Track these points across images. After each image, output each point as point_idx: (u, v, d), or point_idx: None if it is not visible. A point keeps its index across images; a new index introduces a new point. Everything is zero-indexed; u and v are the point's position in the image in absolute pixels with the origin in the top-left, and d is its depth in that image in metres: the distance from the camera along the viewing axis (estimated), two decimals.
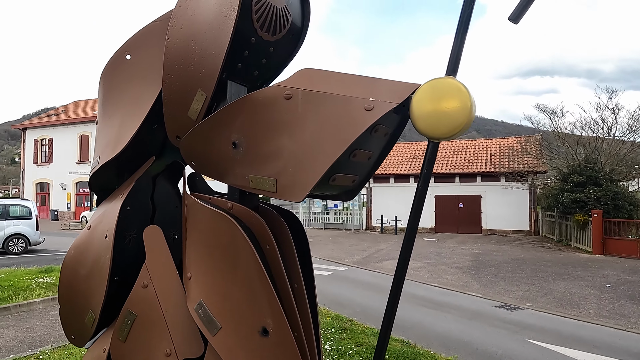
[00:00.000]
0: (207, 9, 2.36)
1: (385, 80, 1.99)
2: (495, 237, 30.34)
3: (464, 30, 1.86)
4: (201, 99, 2.42)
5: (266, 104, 2.09)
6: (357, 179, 2.26)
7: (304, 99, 2.02)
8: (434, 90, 1.85)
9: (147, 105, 2.66)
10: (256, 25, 2.33)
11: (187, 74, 2.45)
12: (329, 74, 2.07)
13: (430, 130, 1.87)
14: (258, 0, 2.30)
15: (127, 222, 2.69)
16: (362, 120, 1.88)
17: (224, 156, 2.28)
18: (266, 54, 2.51)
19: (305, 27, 2.66)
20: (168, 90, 2.53)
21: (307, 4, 2.64)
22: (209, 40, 2.33)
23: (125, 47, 2.81)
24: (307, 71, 2.10)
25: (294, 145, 2.02)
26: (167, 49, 2.49)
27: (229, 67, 2.40)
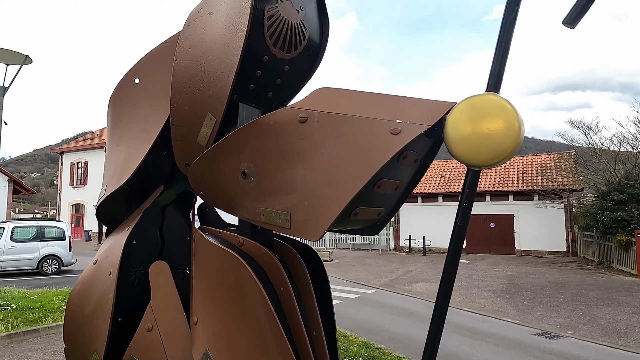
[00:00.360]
0: (216, 26, 2.17)
1: (415, 98, 1.72)
2: (530, 259, 29.00)
3: (507, 39, 1.58)
4: (211, 123, 2.22)
5: (278, 128, 1.86)
6: (383, 212, 1.98)
7: (321, 122, 1.77)
8: (473, 109, 1.57)
9: (155, 131, 2.48)
10: (269, 42, 2.13)
11: (195, 97, 2.26)
12: (350, 93, 1.82)
13: (470, 156, 1.58)
14: (271, 15, 2.09)
15: (132, 257, 2.49)
16: (388, 145, 1.61)
17: (233, 187, 2.05)
18: (281, 73, 2.30)
19: (324, 44, 2.44)
20: (176, 115, 2.34)
21: (325, 18, 2.42)
22: (218, 60, 2.14)
23: (133, 70, 2.67)
24: (324, 91, 1.86)
25: (310, 175, 1.77)
26: (174, 71, 2.31)
27: (240, 88, 2.20)
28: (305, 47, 2.31)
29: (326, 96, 1.83)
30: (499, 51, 1.60)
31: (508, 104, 1.52)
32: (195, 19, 2.30)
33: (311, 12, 2.34)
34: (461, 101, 1.62)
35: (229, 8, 2.09)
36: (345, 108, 1.75)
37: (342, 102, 1.79)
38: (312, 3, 2.35)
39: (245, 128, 1.97)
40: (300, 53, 2.30)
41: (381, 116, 1.68)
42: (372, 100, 1.77)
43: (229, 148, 2.02)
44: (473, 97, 1.59)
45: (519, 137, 1.50)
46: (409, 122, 1.62)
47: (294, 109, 1.84)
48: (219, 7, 2.18)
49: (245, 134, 1.96)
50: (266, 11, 2.06)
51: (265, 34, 2.09)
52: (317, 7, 2.40)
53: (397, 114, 1.67)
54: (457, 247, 1.67)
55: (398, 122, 1.63)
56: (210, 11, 2.22)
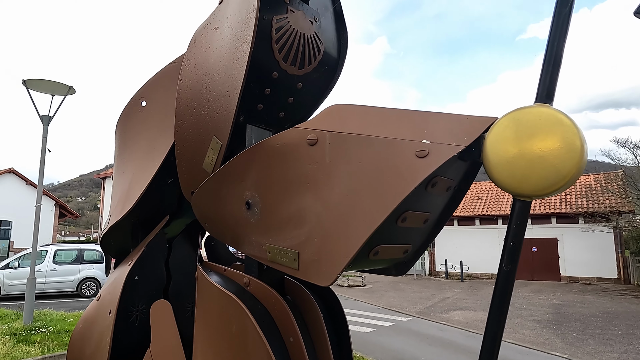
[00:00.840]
0: (222, 41, 1.97)
1: (446, 114, 1.43)
2: (578, 286, 27.16)
3: (561, 39, 1.27)
4: (216, 147, 2.00)
5: (285, 152, 1.61)
6: (411, 249, 1.67)
7: (333, 144, 1.50)
8: (519, 125, 1.26)
9: (159, 157, 2.29)
10: (278, 57, 1.90)
11: (200, 119, 2.05)
12: (367, 110, 1.55)
13: (517, 184, 1.26)
14: (280, 26, 1.88)
15: (134, 294, 2.27)
16: (413, 171, 1.32)
17: (237, 219, 1.80)
18: (293, 91, 2.06)
19: (342, 58, 2.20)
20: (181, 139, 2.14)
21: (343, 29, 2.19)
22: (223, 78, 1.93)
23: (140, 92, 2.52)
24: (337, 108, 1.60)
25: (320, 207, 1.49)
26: (179, 92, 2.13)
27: (247, 108, 1.97)
28: (321, 61, 2.08)
29: (340, 114, 1.57)
30: (550, 54, 1.29)
31: (565, 117, 1.20)
32: (201, 36, 2.12)
33: (327, 24, 2.12)
34: (504, 115, 1.31)
35: (234, 21, 1.90)
36: (362, 127, 1.48)
37: (358, 121, 1.52)
38: (329, 14, 2.13)
39: (248, 152, 1.73)
40: (314, 68, 2.06)
41: (404, 136, 1.39)
42: (393, 117, 1.49)
43: (231, 175, 1.78)
44: (519, 110, 1.28)
45: (582, 159, 1.17)
46: (438, 143, 1.33)
47: (302, 129, 1.58)
48: (225, 21, 1.99)
49: (248, 160, 1.72)
50: (274, 22, 1.85)
51: (274, 47, 1.87)
52: (334, 19, 2.17)
53: (423, 132, 1.38)
54: (504, 295, 1.33)
55: (425, 142, 1.34)
56: (217, 26, 2.03)
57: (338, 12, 2.18)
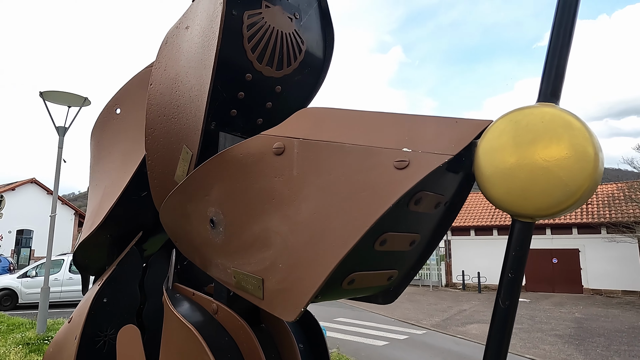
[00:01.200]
0: (191, 41, 1.79)
1: (433, 117, 1.20)
2: (601, 299, 26.15)
3: (569, 21, 1.04)
4: (187, 157, 1.80)
5: (249, 163, 1.40)
6: (397, 275, 1.44)
7: (302, 154, 1.29)
8: (518, 129, 1.03)
9: (132, 168, 2.11)
10: (251, 57, 1.71)
11: (171, 128, 1.87)
12: (344, 114, 1.33)
13: (516, 202, 1.02)
14: (253, 23, 1.68)
15: (102, 318, 2.08)
16: (390, 186, 1.10)
17: (203, 238, 1.59)
18: (271, 95, 1.86)
19: (328, 57, 1.99)
20: (151, 149, 1.96)
21: (329, 27, 1.98)
22: (192, 81, 1.75)
23: (115, 98, 2.35)
24: (310, 111, 1.39)
25: (286, 227, 1.28)
26: (149, 98, 1.95)
27: (219, 114, 1.78)
28: (303, 62, 1.87)
29: (312, 118, 1.36)
30: (556, 41, 1.06)
31: (575, 118, 0.97)
32: (172, 36, 1.94)
33: (311, 21, 1.92)
34: (500, 118, 1.08)
35: (203, 18, 1.71)
36: (337, 134, 1.27)
37: (332, 126, 1.31)
38: (312, 10, 1.93)
39: (211, 164, 1.53)
40: (295, 70, 1.86)
41: (383, 143, 1.17)
42: (374, 121, 1.27)
43: (194, 190, 1.58)
44: (518, 110, 1.05)
45: (596, 171, 0.93)
46: (420, 151, 1.10)
47: (268, 136, 1.37)
48: (195, 19, 1.81)
49: (211, 172, 1.52)
50: (246, 18, 1.66)
51: (246, 46, 1.68)
52: (318, 15, 1.97)
53: (405, 139, 1.16)
54: (502, 340, 1.08)
55: (405, 151, 1.12)
56: (188, 25, 1.86)
57: (323, 9, 1.98)
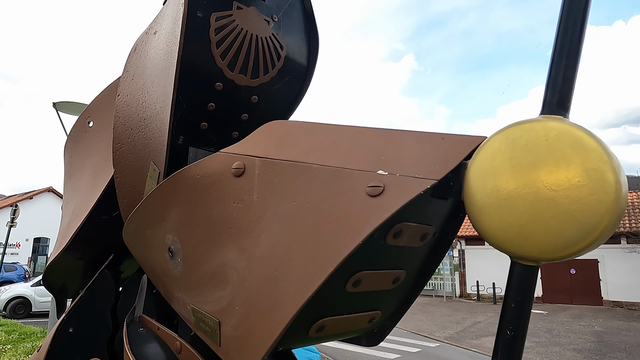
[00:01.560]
0: (158, 48, 1.62)
1: (415, 132, 1.00)
2: (622, 311, 25.28)
3: (579, 15, 0.83)
4: (155, 175, 1.63)
5: (206, 186, 1.21)
6: (379, 316, 1.22)
7: (264, 175, 1.09)
8: (516, 149, 0.81)
9: (101, 185, 1.95)
10: (221, 64, 1.53)
11: (138, 142, 1.70)
12: (315, 128, 1.14)
13: (515, 241, 0.81)
14: (221, 26, 1.50)
15: (67, 350, 1.90)
16: (362, 216, 0.89)
17: (163, 267, 1.41)
18: (246, 105, 1.68)
19: (312, 64, 1.81)
20: (120, 166, 1.79)
21: (313, 31, 1.80)
22: (158, 91, 1.58)
23: (88, 110, 2.20)
24: (275, 126, 1.19)
25: (243, 262, 1.08)
26: (116, 110, 1.79)
27: (187, 127, 1.60)
28: (282, 69, 1.69)
29: (278, 133, 1.16)
30: (563, 40, 0.85)
31: (588, 136, 0.75)
32: (142, 42, 1.78)
33: (291, 23, 1.74)
34: (495, 134, 0.87)
35: (169, 22, 1.55)
36: (305, 152, 1.07)
37: (301, 142, 1.11)
38: (294, 12, 1.75)
39: (167, 185, 1.34)
40: (274, 78, 1.68)
41: (355, 164, 0.97)
42: (348, 137, 1.07)
43: (150, 214, 1.40)
44: (517, 125, 0.84)
45: (618, 203, 0.72)
46: (398, 175, 0.90)
47: (228, 155, 1.18)
48: (163, 23, 1.64)
49: (167, 194, 1.33)
50: (213, 20, 1.48)
51: (214, 52, 1.50)
52: (302, 18, 1.79)
53: (381, 159, 0.96)
54: None
55: (380, 174, 0.92)
56: (156, 30, 1.69)
57: (307, 11, 1.80)
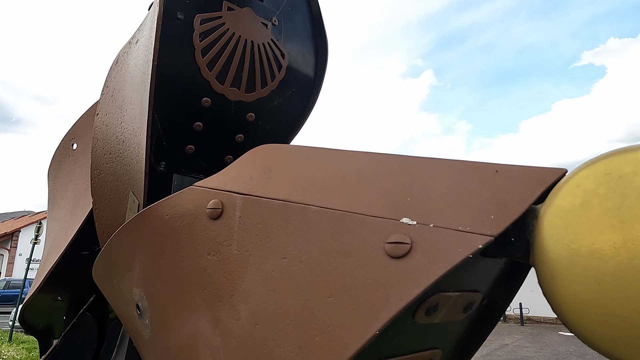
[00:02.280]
0: (137, 58, 1.38)
1: (454, 162, 0.70)
2: None
3: None
4: (134, 208, 1.37)
5: (175, 230, 0.93)
6: None
7: (247, 220, 0.81)
8: (627, 192, 0.51)
9: (80, 217, 1.71)
10: (208, 76, 1.27)
11: (116, 168, 1.45)
12: (316, 155, 0.85)
13: (619, 339, 0.50)
14: (208, 30, 1.25)
15: None
16: (380, 290, 0.60)
17: (133, 324, 1.13)
18: (241, 124, 1.41)
19: (320, 74, 1.54)
20: (98, 195, 1.55)
21: (321, 36, 1.54)
22: (135, 109, 1.33)
23: (72, 131, 1.98)
24: (264, 152, 0.91)
25: (218, 338, 0.79)
26: (94, 131, 1.55)
27: (169, 152, 1.34)
28: (284, 81, 1.43)
29: (267, 163, 0.88)
30: None
31: None
32: (124, 53, 1.54)
33: (295, 27, 1.48)
34: (585, 167, 0.57)
35: (148, 26, 1.30)
36: (300, 188, 0.79)
37: (295, 175, 0.83)
38: (298, 14, 1.50)
39: (130, 226, 1.07)
40: (274, 91, 1.41)
41: (369, 207, 0.68)
42: (359, 168, 0.78)
43: (116, 260, 1.14)
44: (621, 155, 0.54)
45: None
46: (432, 225, 0.61)
47: (203, 190, 0.91)
48: (144, 29, 1.40)
49: (131, 238, 1.06)
50: (197, 24, 1.23)
51: (199, 61, 1.24)
52: (308, 21, 1.53)
53: (407, 200, 0.66)
54: None
55: (407, 223, 0.63)
56: (139, 38, 1.45)
57: (314, 13, 1.54)
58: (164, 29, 1.17)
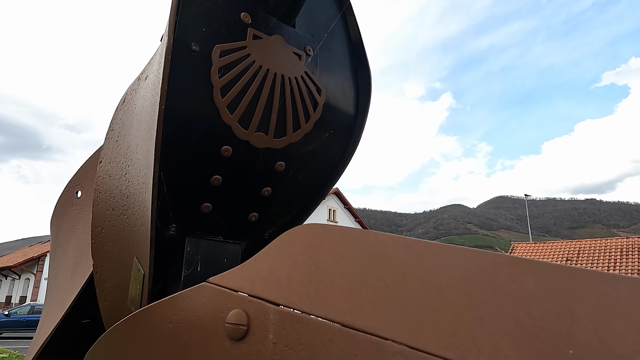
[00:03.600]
0: (145, 97, 1.14)
1: (632, 279, 0.42)
2: None
3: None
4: (139, 277, 1.12)
5: (179, 345, 0.66)
6: None
7: (285, 351, 0.54)
8: None
9: (82, 278, 1.46)
10: (229, 119, 1.02)
11: (120, 227, 1.21)
12: (385, 243, 0.57)
13: None
14: (229, 63, 1.01)
15: None
16: None
17: None
18: (269, 176, 1.15)
19: (363, 111, 1.28)
20: (99, 257, 1.31)
21: (363, 64, 1.29)
22: (141, 159, 1.09)
23: (76, 178, 1.75)
24: (308, 236, 0.63)
25: None
26: (97, 181, 1.32)
27: (182, 211, 1.09)
28: (320, 121, 1.17)
29: (311, 254, 0.60)
30: None
31: None
32: (132, 91, 1.32)
33: (332, 57, 1.23)
34: None
35: (157, 60, 1.07)
36: (368, 306, 0.51)
37: (359, 281, 0.55)
38: (336, 41, 1.25)
39: (124, 329, 0.81)
40: (309, 135, 1.15)
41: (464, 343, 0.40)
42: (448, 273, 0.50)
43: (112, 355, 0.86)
44: None
45: None
46: None
47: (220, 290, 0.64)
48: (154, 64, 1.18)
49: (125, 343, 0.79)
50: (216, 56, 0.99)
51: (218, 102, 1.00)
52: (347, 48, 1.29)
53: (569, 353, 0.38)
54: None
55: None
56: (148, 74, 1.23)
57: (354, 40, 1.30)
58: (176, 63, 0.94)
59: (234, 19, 1.02)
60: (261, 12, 1.07)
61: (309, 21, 1.19)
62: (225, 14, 1.01)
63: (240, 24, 1.04)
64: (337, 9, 1.27)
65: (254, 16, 1.06)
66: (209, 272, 1.16)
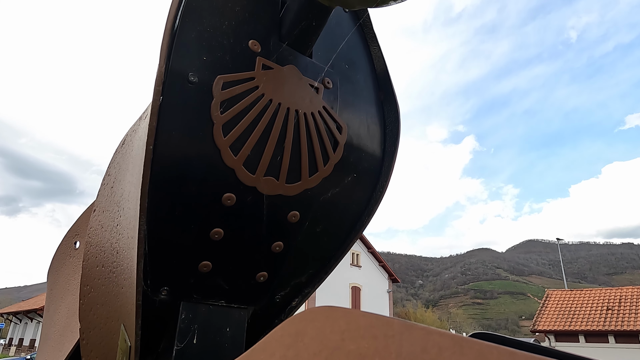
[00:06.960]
0: (141, 139, 1.01)
1: None
2: None
3: None
4: (125, 349, 0.94)
5: None
6: None
7: None
8: None
9: (70, 343, 1.29)
10: (233, 162, 0.86)
11: (110, 289, 1.04)
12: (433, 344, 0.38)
13: None
14: (233, 97, 0.86)
15: None
16: None
17: None
18: (280, 228, 0.97)
19: (391, 152, 1.10)
20: (86, 320, 1.14)
21: (390, 99, 1.13)
22: (132, 210, 0.93)
23: (75, 227, 1.61)
24: (327, 323, 0.44)
25: None
26: (89, 233, 1.18)
27: (175, 272, 0.91)
28: (341, 164, 1.00)
29: (322, 357, 0.41)
30: None
31: None
32: (132, 132, 1.19)
33: (355, 90, 1.08)
34: None
35: None
36: None
37: None
38: (359, 72, 1.11)
39: None
40: (327, 179, 0.98)
41: None
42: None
43: None
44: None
45: None
46: None
47: None
48: None
49: None
50: (218, 89, 0.84)
51: (220, 142, 0.84)
52: (371, 81, 1.14)
53: None
54: None
55: None
56: (148, 113, 1.10)
57: (379, 72, 1.15)
58: (169, 97, 0.79)
59: (240, 47, 0.89)
60: (273, 39, 0.94)
61: (327, 51, 1.05)
62: (230, 42, 0.88)
63: (248, 53, 0.90)
64: (360, 37, 1.13)
65: (264, 44, 0.92)
66: (208, 344, 0.96)
